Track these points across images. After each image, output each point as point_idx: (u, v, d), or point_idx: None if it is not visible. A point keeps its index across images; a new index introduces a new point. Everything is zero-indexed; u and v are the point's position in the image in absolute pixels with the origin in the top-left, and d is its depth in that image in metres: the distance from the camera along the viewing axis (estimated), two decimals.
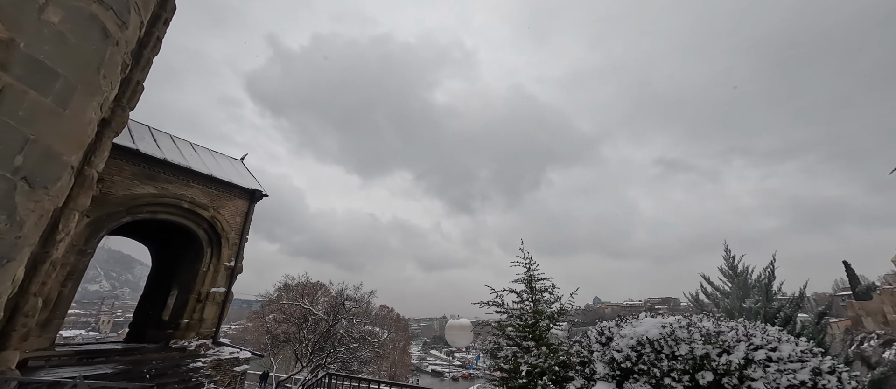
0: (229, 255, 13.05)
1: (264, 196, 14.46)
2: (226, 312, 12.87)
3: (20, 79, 3.99)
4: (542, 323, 3.85)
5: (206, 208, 12.47)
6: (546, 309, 4.07)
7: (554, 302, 4.19)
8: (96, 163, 6.21)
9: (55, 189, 4.66)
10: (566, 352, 3.38)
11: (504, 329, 4.09)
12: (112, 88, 5.65)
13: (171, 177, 11.69)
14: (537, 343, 3.59)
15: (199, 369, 10.07)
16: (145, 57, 7.16)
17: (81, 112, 4.85)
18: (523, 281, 4.27)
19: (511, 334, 3.92)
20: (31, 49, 4.09)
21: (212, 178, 12.70)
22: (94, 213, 9.85)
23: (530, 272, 4.27)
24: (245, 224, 13.70)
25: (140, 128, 12.68)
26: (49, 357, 8.67)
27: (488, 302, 4.35)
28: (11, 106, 3.91)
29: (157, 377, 8.85)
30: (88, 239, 9.90)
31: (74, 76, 4.64)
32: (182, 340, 11.61)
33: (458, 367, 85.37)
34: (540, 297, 4.16)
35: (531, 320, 3.92)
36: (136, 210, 10.84)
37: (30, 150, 4.14)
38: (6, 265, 4.06)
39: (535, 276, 4.24)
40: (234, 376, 10.99)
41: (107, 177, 10.20)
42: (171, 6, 7.90)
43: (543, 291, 4.22)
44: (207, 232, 12.69)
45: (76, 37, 4.63)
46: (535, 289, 4.17)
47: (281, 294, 31.77)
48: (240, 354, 11.87)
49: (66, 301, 9.39)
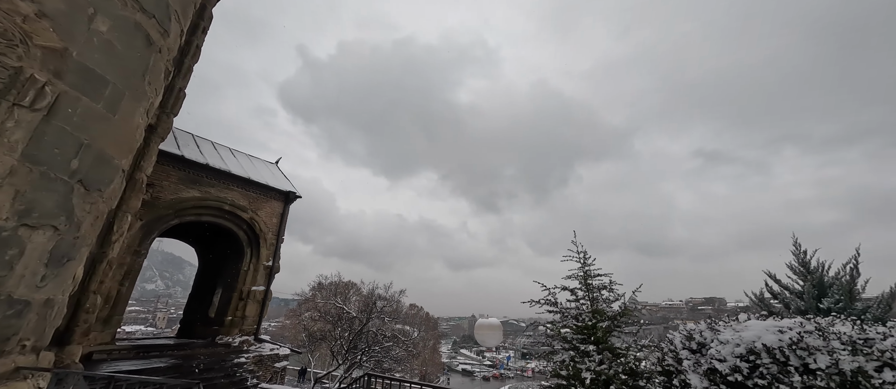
0: (267, 255, 13.52)
1: (298, 197, 14.87)
2: (266, 310, 13.35)
3: (74, 86, 4.17)
4: (603, 324, 3.46)
5: (245, 210, 12.99)
6: (606, 309, 3.68)
7: (614, 300, 3.78)
8: (145, 168, 6.51)
9: (108, 191, 4.88)
10: (635, 358, 2.98)
11: (559, 330, 3.72)
12: (157, 95, 5.88)
13: (213, 181, 12.27)
14: (598, 348, 3.22)
15: (243, 364, 10.46)
16: (186, 65, 7.46)
17: (130, 117, 5.05)
18: (578, 278, 3.89)
19: (568, 336, 3.55)
20: (83, 57, 4.28)
21: (250, 181, 13.21)
22: (146, 217, 10.50)
23: (585, 267, 3.86)
24: (281, 224, 14.15)
25: (184, 136, 13.43)
26: (110, 350, 9.32)
27: (540, 301, 4.00)
28: (66, 112, 4.10)
29: (205, 371, 9.27)
30: (142, 241, 10.57)
31: (122, 82, 4.83)
32: (227, 336, 12.16)
33: (488, 367, 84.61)
34: (597, 295, 3.76)
35: (590, 321, 3.57)
36: (183, 213, 11.46)
37: (84, 154, 4.33)
38: (66, 264, 4.28)
39: (592, 272, 3.84)
40: (274, 372, 11.34)
41: (156, 182, 10.85)
42: (208, 15, 8.20)
43: (601, 288, 3.81)
44: (247, 233, 13.22)
45: (123, 45, 4.82)
46: (591, 287, 3.78)
47: (315, 292, 32.86)
48: (279, 350, 12.26)
49: (124, 298, 10.07)
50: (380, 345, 13.43)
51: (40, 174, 3.85)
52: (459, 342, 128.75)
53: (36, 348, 4.10)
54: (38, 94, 3.81)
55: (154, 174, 10.90)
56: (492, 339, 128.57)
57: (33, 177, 3.79)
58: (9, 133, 3.58)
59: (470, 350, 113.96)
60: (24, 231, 3.73)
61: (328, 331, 19.38)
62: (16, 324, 3.73)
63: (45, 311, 4.11)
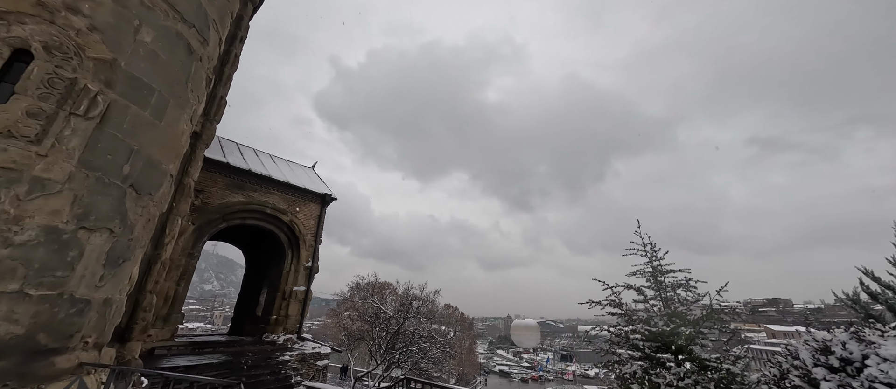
0: (307, 256, 13.95)
1: (334, 199, 15.23)
2: (307, 309, 13.77)
3: (123, 95, 4.37)
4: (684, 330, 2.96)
5: (285, 213, 13.49)
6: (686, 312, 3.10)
7: (695, 301, 3.19)
8: (192, 173, 6.82)
9: (158, 195, 5.11)
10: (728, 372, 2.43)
11: (627, 335, 3.21)
12: (199, 102, 6.13)
13: (256, 186, 12.85)
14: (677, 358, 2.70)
15: (287, 362, 10.81)
16: (226, 73, 7.77)
17: (175, 123, 5.26)
18: (646, 275, 3.37)
19: (637, 343, 3.05)
20: (130, 67, 4.48)
21: (289, 185, 13.71)
22: (197, 221, 11.18)
23: (654, 262, 3.31)
24: (318, 226, 14.55)
25: (229, 145, 14.23)
26: (170, 346, 9.99)
27: (601, 303, 3.51)
28: (117, 120, 4.29)
29: (252, 368, 9.66)
30: (195, 244, 11.27)
31: (167, 90, 5.03)
32: (272, 334, 12.67)
33: (526, 368, 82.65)
34: (672, 295, 3.21)
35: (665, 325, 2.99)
36: (230, 216, 12.09)
37: (134, 160, 4.54)
38: (122, 265, 4.50)
39: (663, 267, 3.29)
40: (316, 370, 11.62)
41: (205, 188, 11.53)
42: (245, 25, 8.51)
43: (676, 287, 3.25)
44: (287, 235, 13.73)
45: (166, 54, 5.02)
46: (663, 285, 3.24)
47: (353, 293, 33.81)
48: (321, 349, 12.57)
49: (181, 298, 10.78)
50: (417, 346, 13.38)
51: (96, 179, 4.05)
52: (496, 342, 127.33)
53: (98, 344, 4.34)
54: (91, 103, 4.01)
55: (203, 180, 11.60)
56: (529, 340, 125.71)
57: (90, 182, 3.99)
58: (66, 140, 3.78)
59: (507, 351, 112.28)
60: (82, 233, 3.93)
61: (366, 331, 19.76)
62: (78, 322, 3.94)
63: (105, 310, 4.33)
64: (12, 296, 3.34)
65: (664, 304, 3.15)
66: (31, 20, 3.68)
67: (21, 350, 3.40)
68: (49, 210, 3.63)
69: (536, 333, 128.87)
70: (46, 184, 3.62)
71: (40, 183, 3.57)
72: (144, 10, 4.71)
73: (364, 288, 33.67)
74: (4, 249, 3.31)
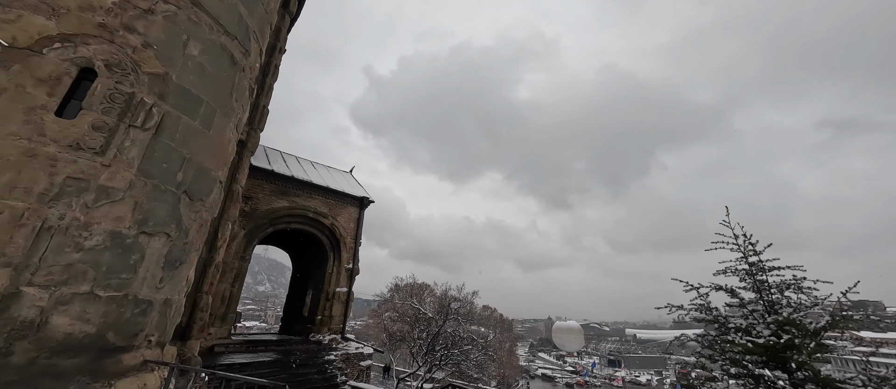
0: (347, 258, 14.31)
1: (371, 202, 15.52)
2: (349, 310, 14.12)
3: (175, 106, 4.61)
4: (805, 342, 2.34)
5: (326, 216, 13.95)
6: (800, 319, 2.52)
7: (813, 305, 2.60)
8: (240, 179, 7.17)
9: (209, 201, 5.36)
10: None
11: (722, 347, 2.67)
12: (243, 111, 6.40)
13: (299, 192, 13.42)
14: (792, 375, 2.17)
15: (332, 361, 11.10)
16: (267, 83, 8.11)
17: (222, 132, 5.51)
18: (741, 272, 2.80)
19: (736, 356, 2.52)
20: (181, 80, 4.73)
21: (329, 190, 14.17)
22: (247, 226, 11.86)
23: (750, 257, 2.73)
24: (357, 229, 14.89)
25: (273, 153, 15.02)
26: (227, 344, 10.64)
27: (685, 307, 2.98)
28: (170, 130, 4.53)
29: (301, 367, 10.00)
30: (246, 247, 11.96)
31: (214, 101, 5.27)
32: (318, 334, 13.12)
33: (570, 373, 79.37)
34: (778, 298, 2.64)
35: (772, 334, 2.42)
36: (276, 221, 12.72)
37: (187, 168, 4.77)
38: (179, 267, 4.74)
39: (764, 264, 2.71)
40: (360, 370, 11.82)
41: (253, 195, 12.21)
42: (284, 36, 8.85)
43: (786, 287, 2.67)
44: (328, 238, 14.18)
45: (212, 66, 5.26)
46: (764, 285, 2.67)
47: (393, 294, 34.43)
48: (364, 349, 12.80)
49: (235, 298, 11.48)
50: (459, 348, 13.17)
51: (153, 186, 4.29)
52: (537, 345, 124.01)
53: (160, 343, 4.60)
54: (147, 115, 4.26)
55: (251, 188, 12.30)
56: (572, 343, 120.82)
57: (148, 189, 4.23)
58: (126, 151, 4.03)
59: (549, 354, 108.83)
60: (143, 238, 4.17)
61: (407, 332, 19.94)
62: (142, 321, 4.18)
63: (165, 310, 4.58)
64: (84, 297, 3.59)
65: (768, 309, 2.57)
66: (94, 41, 3.97)
67: (93, 348, 3.65)
68: (113, 216, 3.88)
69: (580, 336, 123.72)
70: (110, 192, 3.87)
71: (105, 191, 3.83)
72: (191, 26, 4.96)
73: (403, 290, 34.17)
74: (76, 253, 3.56)
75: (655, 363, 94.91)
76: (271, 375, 8.98)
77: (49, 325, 3.34)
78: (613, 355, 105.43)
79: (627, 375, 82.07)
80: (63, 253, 3.48)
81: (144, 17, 4.45)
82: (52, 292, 3.38)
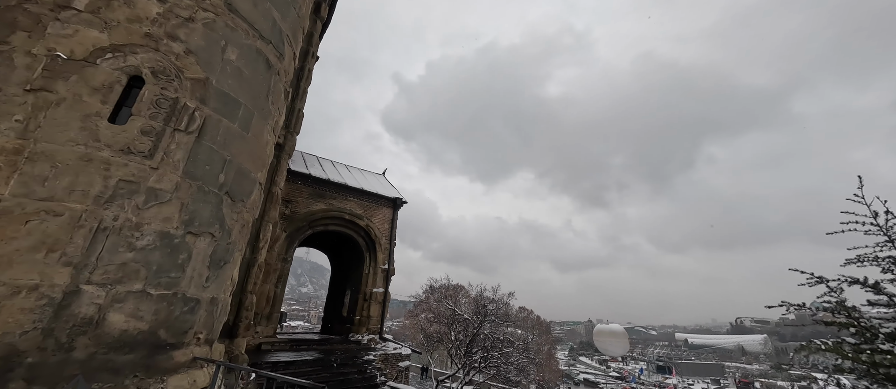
0: (383, 259, 14.43)
1: (404, 202, 15.57)
2: (386, 310, 14.22)
3: (215, 110, 4.74)
4: None
5: (361, 218, 14.17)
6: None
7: None
8: (278, 182, 7.35)
9: (250, 202, 5.48)
10: None
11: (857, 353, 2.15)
12: (280, 114, 6.54)
13: (335, 194, 13.74)
14: None
15: (372, 361, 11.16)
16: (302, 88, 8.29)
17: (260, 134, 5.63)
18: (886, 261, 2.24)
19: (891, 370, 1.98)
20: (220, 84, 4.85)
21: (363, 191, 14.40)
22: (288, 229, 12.31)
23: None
24: (392, 229, 14.99)
25: (310, 158, 15.54)
26: (273, 342, 11.06)
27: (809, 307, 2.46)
28: (212, 133, 4.66)
29: (341, 366, 10.14)
30: (287, 249, 12.41)
31: (252, 104, 5.39)
32: (357, 334, 13.33)
33: (615, 378, 75.21)
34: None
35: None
36: (314, 223, 13.10)
37: (228, 169, 4.89)
38: (224, 266, 4.86)
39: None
40: (399, 370, 11.80)
41: (292, 198, 12.66)
42: (316, 41, 9.03)
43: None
44: (364, 239, 14.39)
45: (249, 70, 5.39)
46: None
47: (428, 295, 34.52)
48: (402, 350, 12.79)
49: (279, 298, 11.94)
50: (499, 351, 12.72)
51: (197, 188, 4.41)
52: (577, 348, 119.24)
53: (208, 340, 4.72)
54: (191, 119, 4.39)
55: (290, 192, 12.75)
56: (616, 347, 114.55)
57: (192, 190, 4.35)
58: (172, 154, 4.16)
59: (590, 358, 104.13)
60: (190, 238, 4.29)
61: (443, 333, 19.81)
62: (190, 319, 4.29)
63: (212, 308, 4.70)
64: (137, 295, 3.72)
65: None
66: (141, 49, 4.16)
67: (146, 345, 3.77)
68: (162, 217, 4.02)
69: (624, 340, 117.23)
70: (159, 194, 4.00)
71: (154, 193, 3.97)
72: (229, 31, 5.10)
73: (437, 291, 34.16)
74: (129, 253, 3.70)
75: (711, 370, 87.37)
76: (313, 374, 9.16)
77: (106, 322, 3.48)
78: (663, 360, 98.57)
79: (679, 382, 76.32)
80: (117, 252, 3.63)
81: (186, 25, 4.61)
82: (109, 290, 3.53)
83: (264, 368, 8.46)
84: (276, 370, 8.65)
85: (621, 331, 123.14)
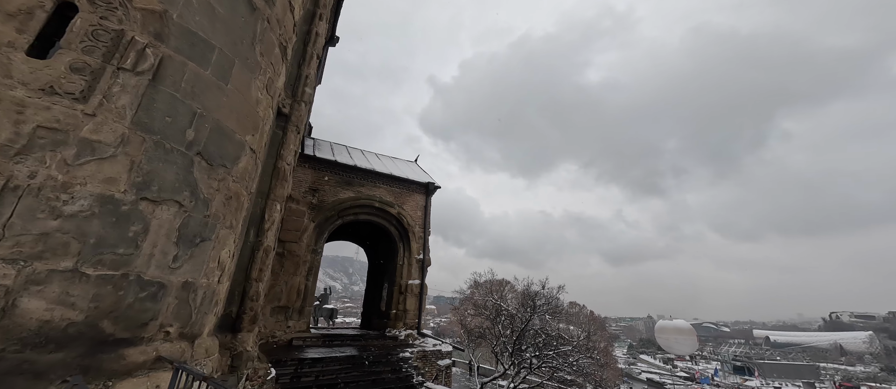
0: (417, 248, 13.37)
1: (437, 187, 14.39)
2: (423, 304, 13.16)
3: (177, 50, 3.81)
4: None
5: (392, 205, 13.23)
6: None
7: None
8: (286, 157, 6.47)
9: (237, 170, 4.56)
10: None
11: None
12: (276, 73, 5.59)
13: (363, 181, 12.94)
14: None
15: (408, 359, 10.12)
16: (309, 52, 7.37)
17: (245, 88, 4.68)
18: None
19: None
20: (183, 20, 3.93)
21: (393, 177, 13.45)
22: (316, 219, 11.68)
23: None
24: (425, 217, 13.87)
25: (338, 147, 14.95)
26: (305, 338, 10.47)
27: None
28: (173, 78, 3.73)
29: (373, 364, 9.20)
30: (317, 240, 11.80)
31: (230, 49, 4.44)
32: (393, 329, 12.42)
33: (684, 379, 68.09)
34: None
35: None
36: (343, 213, 12.38)
37: (199, 125, 3.96)
38: (200, 244, 3.94)
39: None
40: (438, 370, 10.64)
41: (319, 187, 12.02)
42: (323, 3, 8.08)
43: None
44: (397, 228, 13.44)
45: (224, 9, 4.44)
46: None
47: (473, 291, 33.26)
48: (442, 346, 11.62)
49: (310, 291, 11.35)
50: (554, 349, 11.00)
51: (154, 143, 3.50)
52: (637, 346, 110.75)
53: (186, 335, 3.83)
54: (140, 57, 3.48)
55: (316, 180, 12.13)
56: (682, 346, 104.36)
57: (147, 146, 3.44)
58: (115, 98, 3.27)
59: (653, 356, 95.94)
60: (145, 205, 3.39)
61: (487, 328, 18.46)
62: (152, 308, 3.39)
63: (187, 295, 3.80)
64: (66, 276, 2.85)
65: None
66: None
67: (83, 341, 2.89)
68: (103, 177, 3.13)
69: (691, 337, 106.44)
70: (97, 148, 3.12)
71: (90, 145, 3.09)
72: None
73: (482, 286, 32.78)
74: (53, 220, 2.84)
75: (802, 372, 75.66)
76: (342, 372, 8.31)
77: (17, 310, 2.62)
78: (741, 360, 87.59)
79: (762, 385, 67.13)
80: (35, 219, 2.77)
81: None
82: (21, 268, 2.67)
83: (288, 366, 7.72)
84: (301, 368, 7.89)
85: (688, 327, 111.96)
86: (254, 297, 5.54)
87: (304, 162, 11.89)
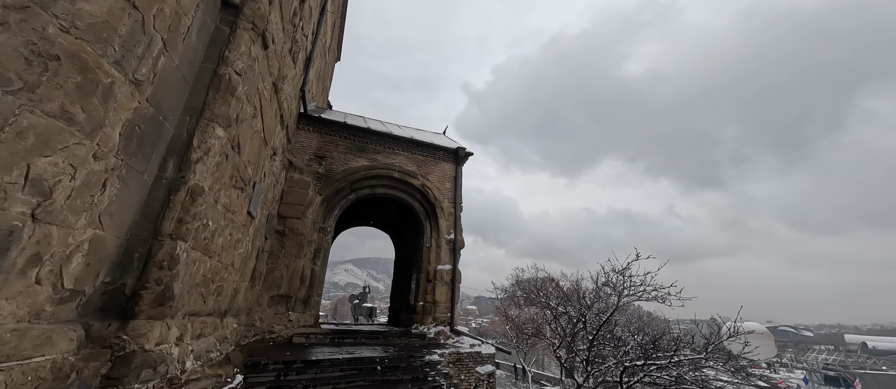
0: (447, 227, 10.94)
1: (469, 154, 11.84)
2: (457, 294, 10.68)
3: None
4: None
5: (414, 176, 10.92)
6: None
7: None
8: (232, 61, 4.34)
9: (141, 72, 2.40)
10: None
11: None
12: None
13: (379, 147, 10.77)
14: None
15: (436, 363, 7.67)
16: None
17: None
18: None
19: None
20: None
21: (414, 142, 11.15)
22: (323, 191, 9.69)
23: None
24: (456, 189, 11.39)
25: (355, 118, 12.99)
26: (309, 334, 8.45)
27: None
28: None
29: (389, 369, 6.87)
30: (325, 217, 9.81)
31: None
32: (421, 325, 10.09)
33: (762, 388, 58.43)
34: None
35: None
36: (356, 185, 10.29)
37: None
38: None
39: None
40: (478, 379, 8.07)
41: (327, 154, 10.03)
42: None
43: None
44: (421, 203, 11.11)
45: None
46: None
47: (515, 288, 30.17)
48: (482, 348, 9.05)
49: (318, 277, 9.36)
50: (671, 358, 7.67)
51: None
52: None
53: None
54: None
55: (323, 146, 10.15)
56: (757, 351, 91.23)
57: None
58: None
59: None
60: None
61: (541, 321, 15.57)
62: None
63: None
64: None
65: None
66: None
67: None
68: None
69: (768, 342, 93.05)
70: None
71: None
72: None
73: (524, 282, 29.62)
74: None
75: None
76: (343, 381, 6.06)
77: None
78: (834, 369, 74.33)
79: None
80: None
81: None
82: None
83: (267, 372, 5.60)
84: (285, 374, 5.74)
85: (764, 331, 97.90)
86: (163, 264, 3.40)
87: (309, 124, 9.97)
